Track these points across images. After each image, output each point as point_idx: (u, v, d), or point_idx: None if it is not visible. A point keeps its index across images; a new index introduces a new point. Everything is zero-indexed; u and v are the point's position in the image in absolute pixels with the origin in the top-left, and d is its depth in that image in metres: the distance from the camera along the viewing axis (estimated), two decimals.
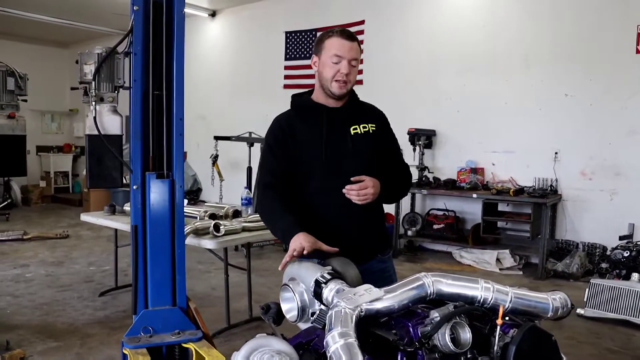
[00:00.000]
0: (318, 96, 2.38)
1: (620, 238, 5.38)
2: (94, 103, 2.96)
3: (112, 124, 3.03)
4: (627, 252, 4.98)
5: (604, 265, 5.30)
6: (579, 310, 4.79)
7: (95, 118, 2.94)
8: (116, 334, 4.14)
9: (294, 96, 2.53)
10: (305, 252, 1.94)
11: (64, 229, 8.76)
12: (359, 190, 2.18)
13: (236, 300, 4.72)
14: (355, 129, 2.34)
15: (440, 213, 7.21)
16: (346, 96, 2.34)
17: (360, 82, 7.55)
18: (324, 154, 2.29)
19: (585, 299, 4.81)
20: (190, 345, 2.97)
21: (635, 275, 4.76)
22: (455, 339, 1.48)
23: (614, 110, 6.16)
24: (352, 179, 2.21)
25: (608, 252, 5.48)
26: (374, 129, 2.38)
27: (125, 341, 2.98)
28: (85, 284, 5.75)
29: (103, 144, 2.95)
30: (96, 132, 2.93)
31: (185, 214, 3.21)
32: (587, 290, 4.85)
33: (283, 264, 1.91)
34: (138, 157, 2.98)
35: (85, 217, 5.18)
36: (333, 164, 2.29)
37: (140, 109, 2.98)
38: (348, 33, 2.29)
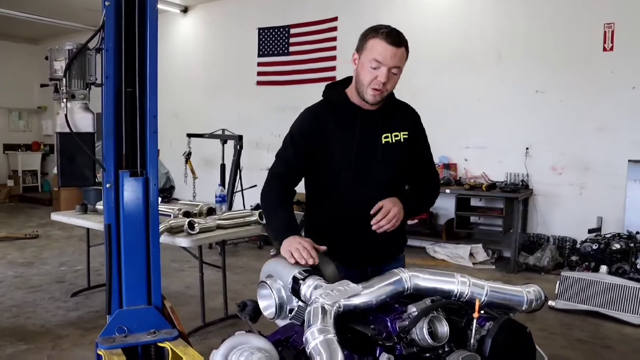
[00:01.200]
0: (352, 94, 2.19)
1: (589, 231, 5.51)
2: (65, 100, 2.90)
3: (83, 122, 2.97)
4: (595, 245, 5.10)
5: (573, 258, 5.43)
6: (551, 303, 4.88)
7: (66, 115, 2.88)
8: (89, 335, 4.08)
9: (328, 89, 2.30)
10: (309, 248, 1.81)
11: (34, 229, 8.59)
12: (385, 218, 2.06)
13: (211, 299, 4.69)
14: (387, 137, 2.19)
15: None
16: (381, 102, 2.17)
17: (334, 78, 7.60)
18: (353, 162, 2.15)
19: (556, 292, 4.90)
20: (167, 345, 2.94)
21: (603, 267, 4.87)
22: (432, 333, 1.50)
23: (583, 107, 6.29)
24: (372, 211, 2.09)
25: (578, 245, 5.60)
26: (406, 136, 2.23)
27: (99, 342, 2.93)
28: (56, 284, 5.64)
29: (74, 141, 2.89)
30: (67, 130, 2.87)
31: (159, 212, 3.18)
32: (557, 282, 4.94)
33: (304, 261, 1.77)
34: (111, 155, 2.94)
35: (56, 217, 5.08)
36: (360, 173, 2.17)
37: (112, 106, 2.94)
38: (395, 36, 2.03)
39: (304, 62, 8.34)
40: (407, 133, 2.23)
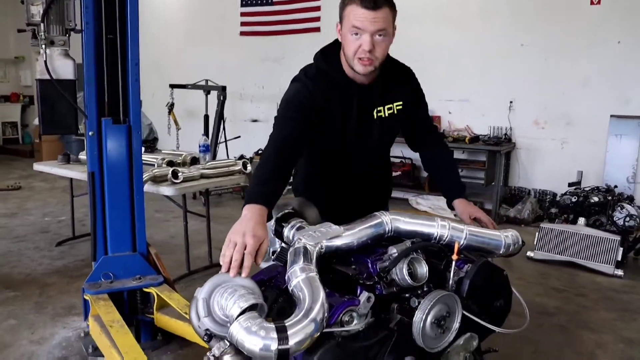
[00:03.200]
0: (346, 66, 2.03)
1: (569, 185, 5.60)
2: (44, 46, 2.85)
3: (64, 69, 2.93)
4: (575, 198, 5.19)
5: (553, 210, 5.53)
6: (529, 253, 5.01)
7: (46, 62, 2.84)
8: (75, 283, 4.12)
9: (322, 59, 2.08)
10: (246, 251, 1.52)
11: (16, 181, 8.50)
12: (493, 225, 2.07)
13: (196, 248, 4.74)
14: (380, 111, 2.10)
15: (397, 161, 7.30)
16: (374, 72, 2.02)
17: (318, 29, 7.49)
18: (346, 141, 2.09)
19: (534, 243, 5.02)
20: (152, 290, 2.99)
21: (581, 220, 4.98)
22: (412, 274, 1.55)
23: (568, 61, 6.27)
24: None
25: (557, 198, 5.70)
26: (400, 107, 2.14)
27: (85, 287, 2.99)
28: (41, 234, 5.64)
29: (55, 89, 2.86)
30: (47, 77, 2.84)
31: (142, 161, 3.17)
32: (536, 234, 5.06)
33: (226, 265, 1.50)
34: (93, 103, 2.92)
35: (38, 167, 5.03)
36: (353, 149, 2.13)
37: (93, 53, 2.90)
38: None
39: (288, 12, 8.17)
40: (401, 103, 2.14)
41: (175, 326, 2.87)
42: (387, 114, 2.11)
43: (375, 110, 2.09)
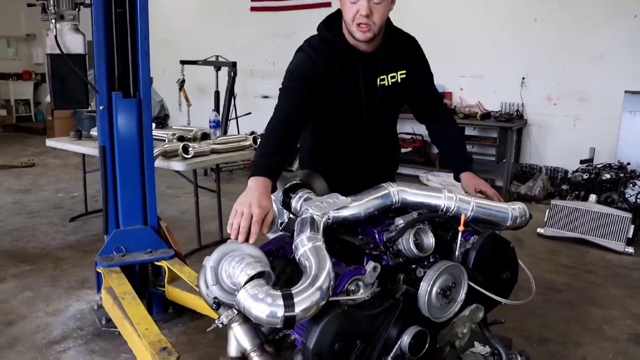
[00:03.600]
0: (348, 35, 2.01)
1: (581, 162, 5.55)
2: (53, 21, 2.86)
3: (74, 43, 2.94)
4: (586, 175, 5.15)
5: (564, 187, 5.50)
6: (539, 230, 5.00)
7: (56, 37, 2.85)
8: (88, 257, 4.18)
9: (324, 28, 2.07)
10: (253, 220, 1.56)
11: (29, 158, 8.59)
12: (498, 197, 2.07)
13: (207, 223, 4.78)
14: (383, 80, 2.07)
15: (408, 137, 7.28)
16: (375, 39, 1.99)
17: (328, 4, 7.41)
18: (352, 112, 2.08)
19: (545, 219, 5.01)
20: (163, 263, 3.04)
21: (592, 197, 4.95)
22: (418, 244, 1.56)
23: (583, 36, 6.18)
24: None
25: (569, 176, 5.66)
26: (404, 75, 2.11)
27: (98, 260, 3.03)
28: (54, 210, 5.72)
29: (66, 64, 2.87)
30: (58, 52, 2.85)
31: (153, 137, 3.19)
32: (547, 211, 5.04)
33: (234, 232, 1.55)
34: (103, 77, 2.94)
35: (50, 143, 5.08)
36: (358, 121, 2.12)
37: (103, 27, 2.91)
38: None
39: None
40: (404, 72, 2.11)
41: (186, 299, 2.92)
42: (390, 83, 2.09)
43: (378, 79, 2.07)
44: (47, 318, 3.31)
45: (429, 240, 1.57)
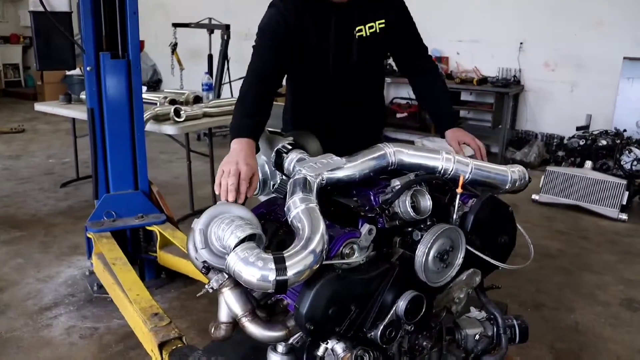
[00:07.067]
0: None
1: (577, 129, 5.51)
2: None
3: (59, 0, 2.83)
4: (582, 141, 5.12)
5: (560, 153, 5.47)
6: (534, 196, 4.98)
7: None
8: (80, 223, 4.11)
9: None
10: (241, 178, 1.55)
11: (19, 123, 8.46)
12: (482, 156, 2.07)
13: (200, 188, 4.73)
14: (361, 30, 1.98)
15: (404, 102, 7.20)
16: None
17: None
18: (330, 64, 1.99)
19: (540, 186, 4.98)
20: (155, 228, 2.99)
21: (588, 163, 4.92)
22: (415, 207, 1.51)
23: (582, 1, 6.05)
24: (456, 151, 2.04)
25: (565, 142, 5.62)
26: (382, 25, 2.00)
27: (88, 225, 2.99)
28: (45, 176, 5.65)
29: (50, 22, 2.77)
30: (41, 9, 2.75)
31: (144, 100, 3.11)
32: (542, 177, 5.01)
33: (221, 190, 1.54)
34: (90, 37, 2.84)
35: (39, 107, 4.97)
36: (338, 73, 2.02)
37: None
38: None
39: None
40: (383, 21, 2.01)
41: (178, 264, 2.88)
42: (368, 33, 2.00)
43: (355, 30, 1.98)
44: (38, 284, 3.29)
45: (426, 202, 1.52)
